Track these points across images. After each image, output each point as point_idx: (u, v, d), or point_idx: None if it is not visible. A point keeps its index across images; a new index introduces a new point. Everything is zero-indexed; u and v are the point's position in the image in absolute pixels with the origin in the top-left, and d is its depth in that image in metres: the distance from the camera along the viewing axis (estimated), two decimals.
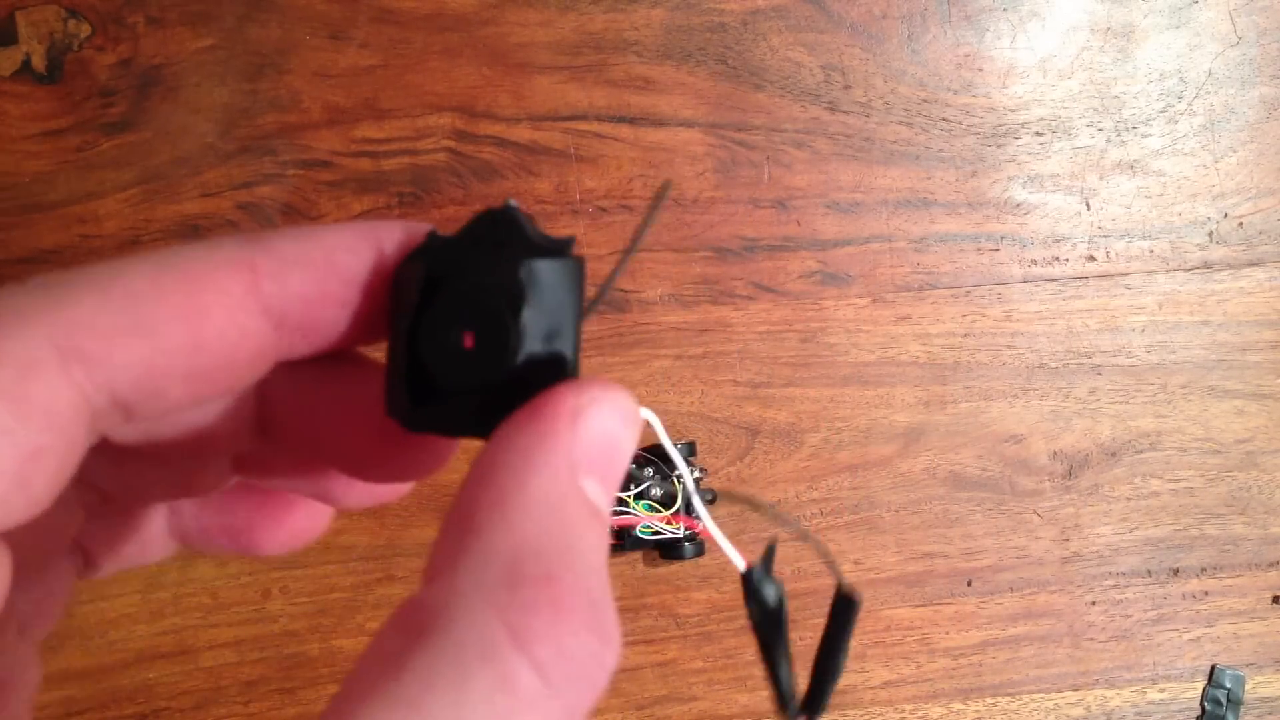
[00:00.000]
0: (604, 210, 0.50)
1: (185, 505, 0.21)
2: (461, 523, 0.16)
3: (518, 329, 0.16)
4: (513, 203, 0.17)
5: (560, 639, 0.15)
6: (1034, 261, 0.52)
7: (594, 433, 0.16)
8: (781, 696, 0.19)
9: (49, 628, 0.20)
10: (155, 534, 0.21)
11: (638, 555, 0.51)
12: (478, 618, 0.14)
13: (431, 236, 0.18)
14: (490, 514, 0.15)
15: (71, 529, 0.19)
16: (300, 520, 0.21)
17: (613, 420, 0.17)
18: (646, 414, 0.18)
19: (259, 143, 0.49)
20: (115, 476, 0.19)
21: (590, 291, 0.18)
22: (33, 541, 0.17)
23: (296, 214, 0.49)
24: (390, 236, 0.18)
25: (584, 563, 0.15)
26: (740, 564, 0.19)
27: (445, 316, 0.17)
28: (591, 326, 0.51)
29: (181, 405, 0.17)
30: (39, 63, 0.49)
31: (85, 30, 0.49)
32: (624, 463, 0.17)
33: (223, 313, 0.16)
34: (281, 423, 0.19)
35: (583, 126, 0.50)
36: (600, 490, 0.16)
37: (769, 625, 0.19)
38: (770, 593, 0.19)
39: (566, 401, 0.16)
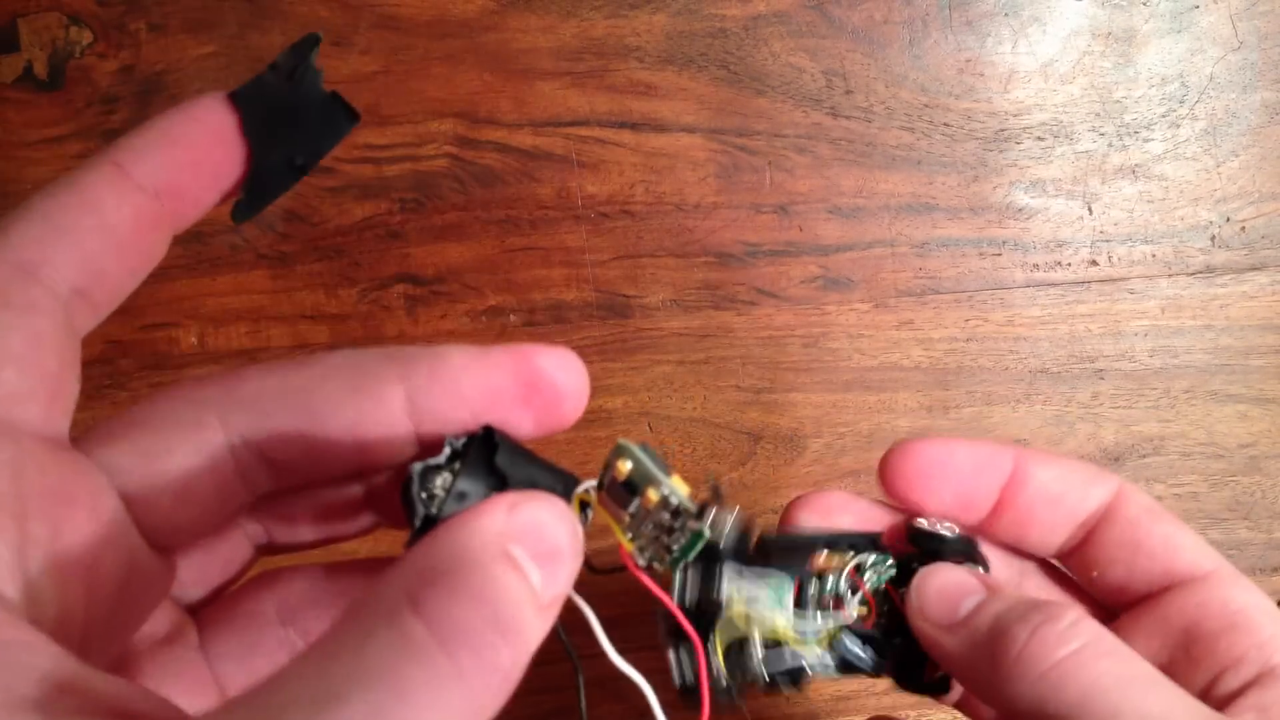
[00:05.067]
0: (605, 216, 0.50)
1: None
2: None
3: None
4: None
5: (452, 609, 0.17)
6: (1036, 266, 0.52)
7: (525, 515, 0.20)
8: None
9: (214, 590, 0.26)
10: (341, 514, 0.27)
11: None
12: (387, 595, 0.17)
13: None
14: (417, 549, 0.19)
15: (229, 517, 0.25)
16: None
17: (544, 512, 0.20)
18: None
19: None
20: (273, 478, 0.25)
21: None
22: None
23: (298, 220, 0.49)
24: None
25: (494, 582, 0.18)
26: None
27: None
28: (594, 331, 0.51)
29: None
30: (41, 69, 0.49)
31: (87, 37, 0.49)
32: (560, 548, 0.20)
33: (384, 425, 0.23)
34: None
35: (584, 132, 0.50)
36: (528, 558, 0.19)
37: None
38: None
39: (506, 498, 0.20)
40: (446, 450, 0.22)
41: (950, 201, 0.51)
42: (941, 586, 0.27)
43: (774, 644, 0.29)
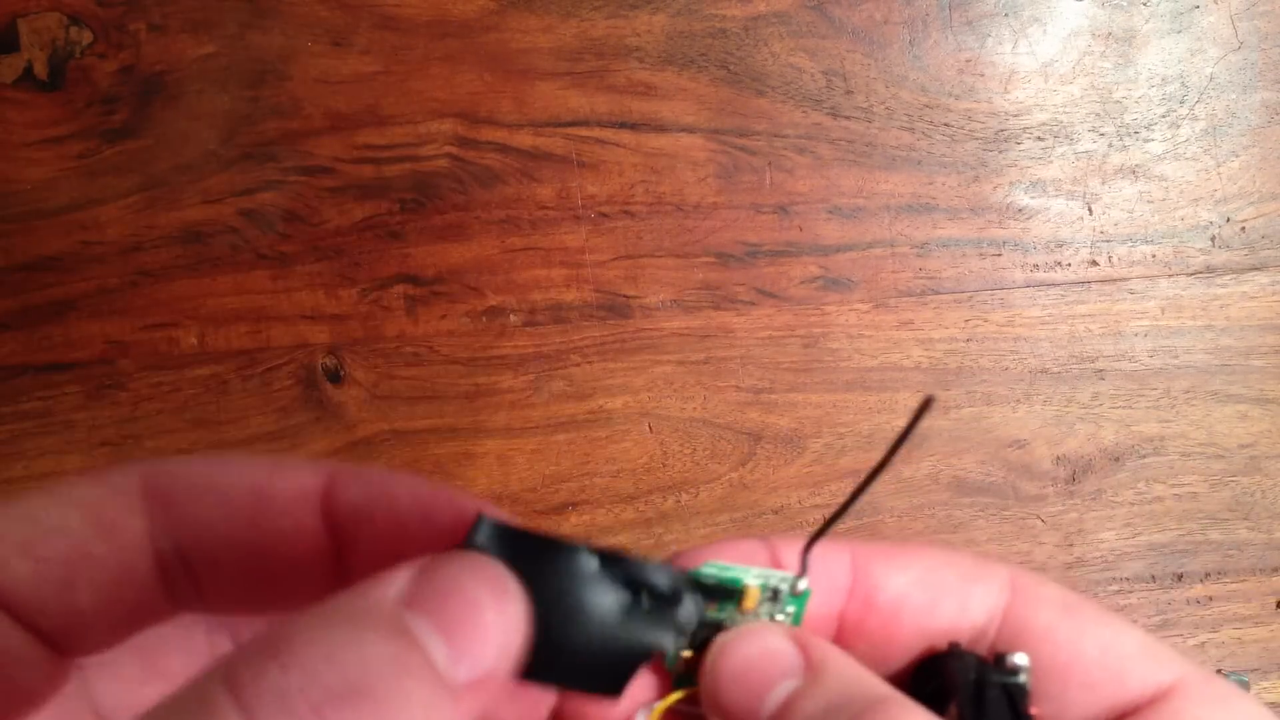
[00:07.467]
0: (606, 216, 0.50)
1: None
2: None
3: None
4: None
5: (263, 676, 0.14)
6: (1036, 266, 0.52)
7: (439, 578, 0.15)
8: None
9: None
10: None
11: None
12: (207, 673, 0.14)
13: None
14: (292, 621, 0.14)
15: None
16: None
17: (470, 578, 0.15)
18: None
19: (261, 149, 0.49)
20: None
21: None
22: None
23: (298, 220, 0.49)
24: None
25: (355, 646, 0.14)
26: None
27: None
28: (594, 331, 0.51)
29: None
30: (41, 70, 0.49)
31: (87, 37, 0.49)
32: (482, 622, 0.15)
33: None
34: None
35: (584, 132, 0.50)
36: (430, 630, 0.14)
37: None
38: None
39: (422, 560, 0.15)
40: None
41: (950, 202, 0.51)
42: (743, 663, 0.19)
43: None
